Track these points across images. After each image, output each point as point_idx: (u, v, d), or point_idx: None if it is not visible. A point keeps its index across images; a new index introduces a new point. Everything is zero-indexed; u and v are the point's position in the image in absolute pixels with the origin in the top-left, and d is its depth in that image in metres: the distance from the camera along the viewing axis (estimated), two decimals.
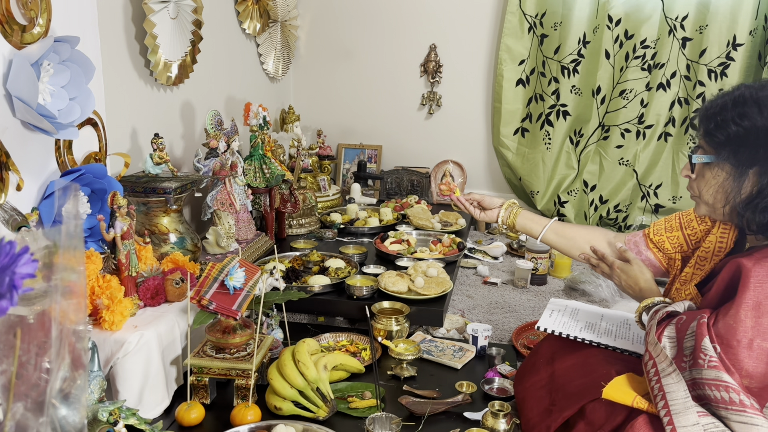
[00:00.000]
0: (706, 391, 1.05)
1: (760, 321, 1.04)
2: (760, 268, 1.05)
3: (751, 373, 1.03)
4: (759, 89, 1.14)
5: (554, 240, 1.56)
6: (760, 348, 1.03)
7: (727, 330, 1.05)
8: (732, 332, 1.05)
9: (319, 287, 2.02)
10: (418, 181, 3.29)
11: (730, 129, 1.13)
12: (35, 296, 0.84)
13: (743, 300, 1.05)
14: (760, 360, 1.03)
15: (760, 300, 1.04)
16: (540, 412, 1.34)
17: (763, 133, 1.10)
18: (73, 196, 0.91)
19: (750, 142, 1.11)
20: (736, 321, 1.05)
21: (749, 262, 1.07)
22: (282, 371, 1.50)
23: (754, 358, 1.03)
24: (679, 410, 1.04)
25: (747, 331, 1.04)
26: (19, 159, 1.48)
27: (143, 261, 1.65)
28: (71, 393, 0.90)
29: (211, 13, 2.51)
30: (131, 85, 2.09)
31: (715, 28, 2.81)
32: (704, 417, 1.03)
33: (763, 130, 1.10)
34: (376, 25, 3.32)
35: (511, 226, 1.60)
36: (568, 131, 3.13)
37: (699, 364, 1.06)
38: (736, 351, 1.04)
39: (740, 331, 1.04)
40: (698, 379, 1.06)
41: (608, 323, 1.51)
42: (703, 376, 1.05)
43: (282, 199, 2.55)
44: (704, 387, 1.05)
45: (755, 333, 1.03)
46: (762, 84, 1.16)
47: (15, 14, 1.45)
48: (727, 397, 1.02)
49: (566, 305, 1.63)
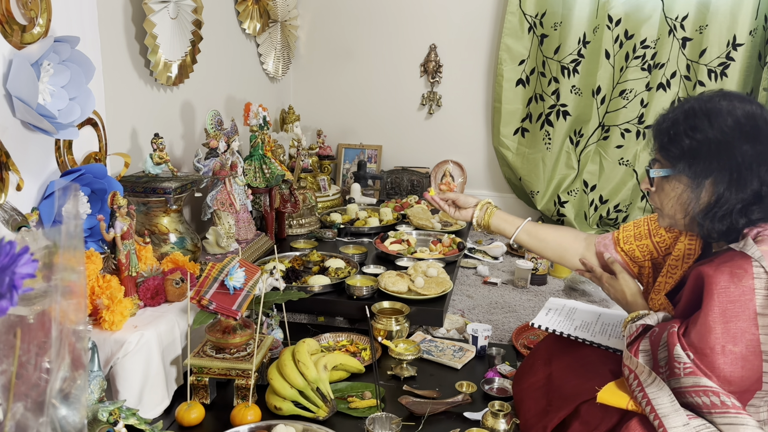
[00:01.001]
0: (688, 399, 1.07)
1: (728, 326, 1.05)
2: (721, 274, 1.07)
3: (729, 378, 1.05)
4: (707, 101, 1.17)
5: (527, 241, 1.56)
6: (732, 353, 1.04)
7: (699, 339, 1.07)
8: (704, 340, 1.06)
9: (319, 287, 2.02)
10: (418, 181, 3.29)
11: (684, 142, 1.16)
12: (35, 296, 0.84)
13: (710, 308, 1.06)
14: (735, 364, 1.04)
15: (725, 306, 1.06)
16: (537, 412, 1.34)
17: (714, 144, 1.13)
18: (73, 196, 0.91)
19: (703, 153, 1.14)
20: (706, 329, 1.06)
21: (710, 269, 1.09)
22: (282, 371, 1.50)
23: (729, 363, 1.04)
24: (668, 413, 1.05)
25: (718, 338, 1.05)
26: (19, 159, 1.48)
27: (143, 261, 1.65)
28: (71, 393, 0.90)
29: (211, 13, 2.51)
30: (131, 85, 2.09)
31: (715, 28, 2.81)
32: (694, 419, 1.04)
33: (714, 142, 1.13)
34: (376, 25, 3.32)
35: (486, 227, 1.60)
36: (568, 131, 3.13)
37: (676, 374, 1.08)
38: (712, 359, 1.05)
39: (712, 339, 1.05)
40: (678, 388, 1.08)
41: (604, 323, 1.51)
42: (682, 385, 1.07)
43: (282, 199, 2.55)
44: (686, 395, 1.07)
45: (726, 339, 1.05)
46: (710, 95, 1.19)
47: (15, 14, 1.45)
48: (709, 401, 1.03)
49: (564, 304, 1.64)
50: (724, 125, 1.13)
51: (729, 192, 1.12)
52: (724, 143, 1.13)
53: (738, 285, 1.05)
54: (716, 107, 1.16)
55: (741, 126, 1.13)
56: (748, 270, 1.05)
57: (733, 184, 1.12)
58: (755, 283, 1.05)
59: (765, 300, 1.04)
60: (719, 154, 1.13)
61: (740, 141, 1.12)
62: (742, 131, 1.12)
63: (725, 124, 1.13)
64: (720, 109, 1.15)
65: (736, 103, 1.15)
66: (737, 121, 1.13)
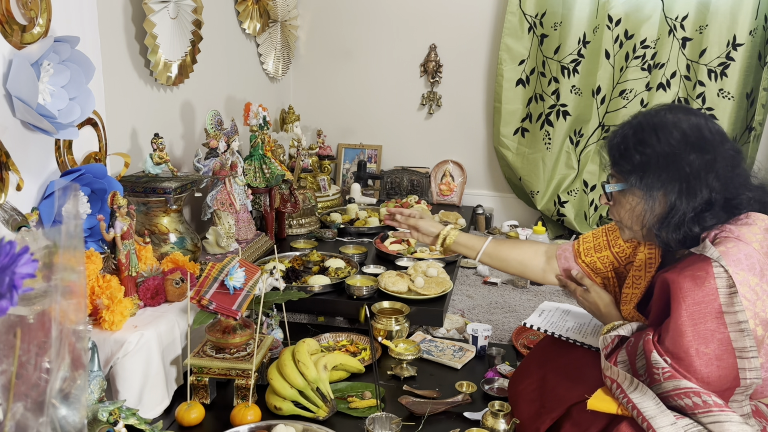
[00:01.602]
0: (671, 403, 1.08)
1: (697, 329, 1.07)
2: (684, 279, 1.09)
3: (707, 379, 1.06)
4: (654, 116, 1.23)
5: (488, 262, 1.58)
6: (706, 354, 1.06)
7: (673, 344, 1.08)
8: (678, 345, 1.07)
9: (319, 287, 2.02)
10: (418, 181, 3.29)
11: (634, 158, 1.21)
12: (35, 296, 0.84)
13: (678, 313, 1.08)
14: (710, 365, 1.06)
15: (692, 308, 1.07)
16: (531, 415, 1.35)
17: (663, 157, 1.18)
18: (73, 196, 0.91)
19: (653, 166, 1.18)
20: (678, 333, 1.08)
21: (673, 275, 1.12)
22: (282, 371, 1.50)
23: (704, 364, 1.06)
24: (654, 414, 1.06)
25: (691, 341, 1.07)
26: (19, 159, 1.48)
27: (143, 261, 1.65)
28: (71, 393, 0.90)
29: (211, 13, 2.51)
30: (131, 85, 2.09)
31: (715, 28, 2.81)
32: (681, 419, 1.05)
33: (662, 155, 1.18)
34: (376, 25, 3.32)
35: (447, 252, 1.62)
36: (568, 131, 3.12)
37: (656, 380, 1.09)
38: (688, 362, 1.07)
39: (686, 342, 1.07)
40: (660, 394, 1.09)
41: (596, 325, 1.51)
42: (663, 390, 1.08)
43: (282, 199, 2.55)
44: (668, 399, 1.08)
45: (698, 341, 1.06)
46: (657, 110, 1.24)
47: (15, 14, 1.45)
48: (691, 402, 1.05)
49: (558, 306, 1.64)
50: (671, 138, 1.18)
51: (680, 201, 1.16)
52: (671, 155, 1.17)
53: (701, 287, 1.07)
54: (662, 121, 1.20)
55: (687, 137, 1.17)
56: (708, 271, 1.08)
57: (683, 193, 1.16)
58: (717, 282, 1.07)
59: (728, 298, 1.06)
60: (668, 166, 1.17)
61: (687, 152, 1.16)
62: (688, 142, 1.17)
63: (671, 137, 1.18)
64: (666, 123, 1.20)
65: (681, 116, 1.20)
66: (683, 133, 1.18)
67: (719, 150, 1.17)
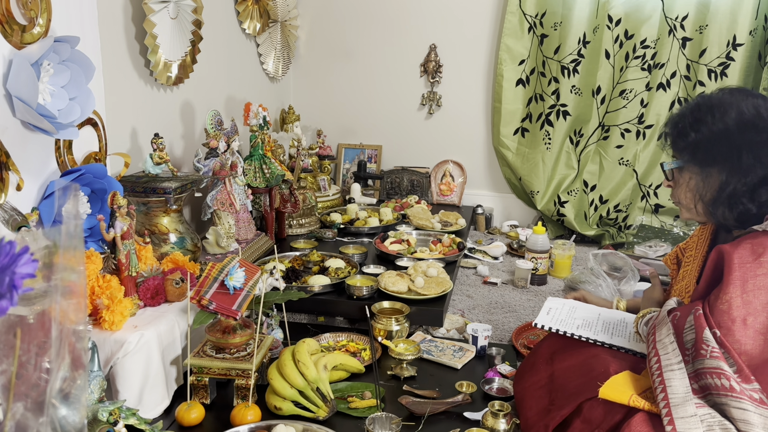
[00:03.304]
0: (707, 380, 1.09)
1: (747, 298, 1.09)
2: (742, 250, 1.12)
3: (748, 351, 1.08)
4: (713, 96, 1.28)
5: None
6: (753, 326, 1.08)
7: (720, 314, 1.10)
8: (725, 314, 1.10)
9: (319, 287, 2.02)
10: (418, 181, 3.29)
11: (690, 135, 1.26)
12: (35, 296, 0.84)
13: (730, 281, 1.10)
14: (755, 338, 1.08)
15: (746, 278, 1.10)
16: (539, 411, 1.34)
17: (717, 134, 1.22)
18: (73, 196, 0.91)
19: (706, 144, 1.24)
20: (728, 303, 1.10)
21: (730, 246, 1.14)
22: (282, 371, 1.50)
23: (749, 336, 1.08)
24: (678, 402, 1.07)
25: (739, 309, 1.09)
26: (19, 159, 1.48)
27: (143, 261, 1.65)
28: (71, 393, 0.90)
29: (211, 13, 2.51)
30: (131, 85, 2.09)
31: (715, 28, 2.81)
32: (701, 408, 1.06)
33: (717, 133, 1.22)
34: (376, 25, 3.32)
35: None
36: (568, 131, 3.12)
37: (701, 355, 1.10)
38: (732, 331, 1.09)
39: (733, 311, 1.09)
40: (700, 369, 1.10)
41: (605, 321, 1.51)
42: (705, 366, 1.09)
43: (282, 199, 2.55)
44: (705, 376, 1.09)
45: (747, 311, 1.08)
46: (717, 91, 1.29)
47: (15, 14, 1.45)
48: (728, 384, 1.06)
49: (564, 303, 1.64)
50: (727, 117, 1.21)
51: (732, 176, 1.20)
52: (725, 132, 1.21)
53: (758, 260, 1.10)
54: (720, 101, 1.25)
55: (743, 116, 1.20)
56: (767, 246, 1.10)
57: (736, 168, 1.20)
58: None
59: None
60: (721, 143, 1.21)
61: (742, 130, 1.20)
62: (743, 121, 1.20)
63: (728, 116, 1.21)
64: (723, 102, 1.24)
65: (739, 96, 1.24)
66: (740, 112, 1.21)
67: None
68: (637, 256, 2.69)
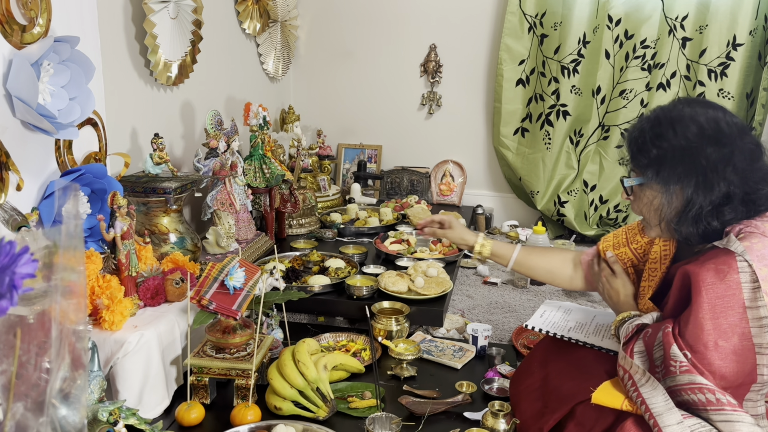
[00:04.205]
0: (684, 397, 1.08)
1: (718, 322, 1.07)
2: (707, 271, 1.09)
3: (723, 374, 1.06)
4: (671, 109, 1.22)
5: (519, 270, 1.64)
6: (724, 348, 1.06)
7: (691, 337, 1.08)
8: (697, 338, 1.08)
9: (319, 287, 2.02)
10: (418, 181, 3.29)
11: (651, 152, 1.20)
12: (35, 296, 0.84)
13: (699, 305, 1.08)
14: (727, 359, 1.06)
15: (714, 302, 1.07)
16: (533, 415, 1.35)
17: (679, 150, 1.17)
18: (73, 196, 0.91)
19: (669, 160, 1.18)
20: (697, 326, 1.08)
21: (695, 267, 1.11)
22: (282, 371, 1.50)
23: (722, 358, 1.06)
24: (661, 412, 1.06)
25: (710, 334, 1.07)
26: (19, 159, 1.48)
27: (143, 261, 1.65)
28: (71, 393, 0.90)
29: (211, 13, 2.51)
30: (131, 85, 2.09)
31: (715, 28, 2.81)
32: (689, 418, 1.05)
33: (678, 149, 1.17)
34: (376, 25, 3.32)
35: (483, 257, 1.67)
36: (568, 131, 3.12)
37: (671, 372, 1.09)
38: (705, 355, 1.07)
39: (705, 335, 1.07)
40: (673, 386, 1.09)
41: (598, 324, 1.51)
42: (677, 383, 1.08)
43: (282, 199, 2.55)
44: (681, 393, 1.08)
45: (717, 335, 1.06)
46: (674, 103, 1.24)
47: (15, 14, 1.45)
48: (704, 399, 1.05)
49: (559, 306, 1.64)
50: (688, 131, 1.17)
51: (697, 195, 1.16)
52: (687, 149, 1.17)
53: (724, 280, 1.07)
54: (679, 114, 1.20)
55: (704, 131, 1.16)
56: (732, 265, 1.07)
57: (700, 187, 1.15)
58: (740, 277, 1.07)
59: (752, 293, 1.06)
60: (684, 160, 1.17)
61: (704, 145, 1.15)
62: (705, 135, 1.16)
63: (688, 130, 1.17)
64: (683, 116, 1.19)
65: (698, 109, 1.19)
66: (700, 126, 1.17)
67: (737, 143, 1.15)
68: None
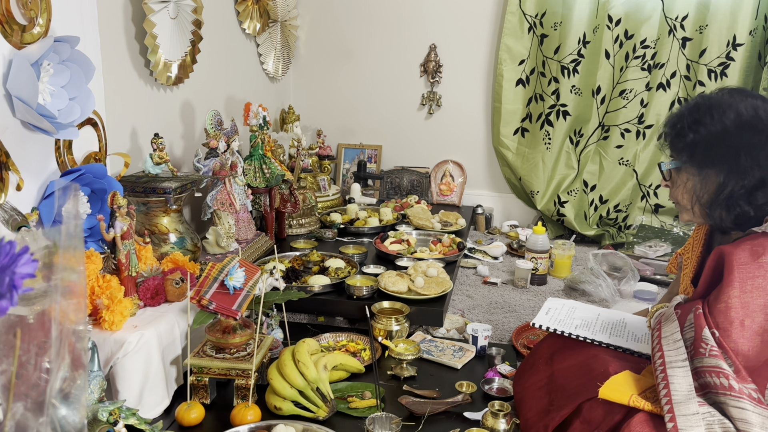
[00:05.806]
0: (706, 379, 1.09)
1: (746, 301, 1.09)
2: (741, 251, 1.12)
3: (745, 352, 1.08)
4: (711, 97, 1.27)
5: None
6: (750, 327, 1.08)
7: (719, 314, 1.10)
8: (724, 315, 1.10)
9: (319, 287, 2.02)
10: (418, 181, 3.29)
11: (688, 136, 1.25)
12: (35, 296, 0.84)
13: (730, 282, 1.10)
14: (752, 339, 1.08)
15: (746, 280, 1.10)
16: (538, 411, 1.34)
17: (714, 136, 1.21)
18: (73, 196, 0.91)
19: (704, 145, 1.23)
20: (726, 304, 1.10)
21: (730, 247, 1.14)
22: (282, 371, 1.50)
23: (747, 338, 1.08)
24: (681, 400, 1.07)
25: (738, 311, 1.09)
26: (19, 159, 1.48)
27: (143, 261, 1.65)
28: (71, 393, 0.90)
29: (211, 13, 2.51)
30: (131, 85, 2.09)
31: (715, 28, 2.81)
32: (702, 407, 1.06)
33: (714, 134, 1.21)
34: (376, 25, 3.32)
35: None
36: (568, 131, 3.12)
37: (700, 353, 1.11)
38: (730, 333, 1.09)
39: (732, 313, 1.09)
40: (699, 367, 1.10)
41: (604, 321, 1.51)
42: (704, 364, 1.10)
43: (282, 199, 2.55)
44: (704, 374, 1.09)
45: (744, 313, 1.09)
46: (716, 92, 1.28)
47: (15, 14, 1.45)
48: (727, 383, 1.06)
49: (563, 304, 1.64)
50: (725, 117, 1.20)
51: (729, 179, 1.20)
52: (723, 133, 1.20)
53: (757, 261, 1.10)
54: (719, 101, 1.23)
55: (741, 117, 1.20)
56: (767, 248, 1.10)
57: (733, 170, 1.19)
58: None
59: None
60: (719, 144, 1.20)
61: (740, 131, 1.19)
62: (741, 122, 1.19)
63: (725, 116, 1.21)
64: (721, 103, 1.23)
65: (738, 98, 1.23)
66: (738, 112, 1.20)
67: None
68: (637, 256, 2.69)
